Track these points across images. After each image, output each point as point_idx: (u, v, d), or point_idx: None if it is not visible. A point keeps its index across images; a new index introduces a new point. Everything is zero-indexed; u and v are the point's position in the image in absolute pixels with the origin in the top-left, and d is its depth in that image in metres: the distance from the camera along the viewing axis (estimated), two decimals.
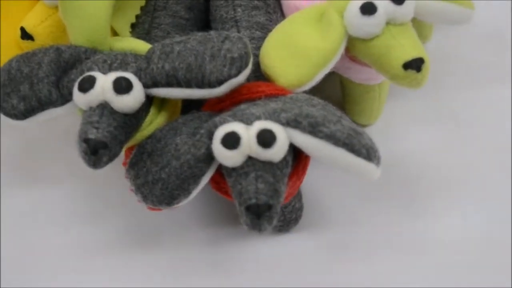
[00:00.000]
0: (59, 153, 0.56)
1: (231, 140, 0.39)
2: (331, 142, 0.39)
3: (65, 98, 0.43)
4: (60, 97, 0.43)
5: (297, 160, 0.43)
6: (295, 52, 0.45)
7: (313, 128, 0.39)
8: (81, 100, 0.42)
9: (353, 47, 0.46)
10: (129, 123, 0.42)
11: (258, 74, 0.46)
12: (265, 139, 0.39)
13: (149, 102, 0.44)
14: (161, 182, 0.41)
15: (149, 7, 0.51)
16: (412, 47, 0.43)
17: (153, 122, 0.44)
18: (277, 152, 0.39)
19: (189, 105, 0.47)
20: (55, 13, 0.49)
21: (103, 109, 0.41)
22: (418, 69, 0.43)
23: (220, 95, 0.42)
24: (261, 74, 0.46)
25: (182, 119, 0.43)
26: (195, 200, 0.44)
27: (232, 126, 0.40)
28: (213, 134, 0.40)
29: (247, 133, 0.39)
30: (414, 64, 0.43)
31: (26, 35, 0.50)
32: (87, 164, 0.40)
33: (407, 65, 0.43)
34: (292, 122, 0.40)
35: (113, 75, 0.42)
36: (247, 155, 0.39)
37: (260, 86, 0.44)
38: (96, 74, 0.42)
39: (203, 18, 0.54)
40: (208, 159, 0.41)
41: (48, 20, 0.50)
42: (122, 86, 0.41)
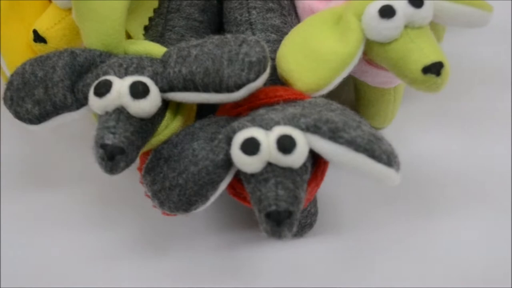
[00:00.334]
0: (71, 156, 0.56)
1: (251, 146, 0.38)
2: (352, 148, 0.39)
3: (80, 103, 0.43)
4: (75, 102, 0.43)
5: (316, 166, 0.42)
6: (313, 56, 0.44)
7: (333, 134, 0.39)
8: (97, 105, 0.41)
9: (371, 51, 0.45)
10: (146, 128, 0.41)
11: (274, 78, 0.46)
12: (285, 145, 0.38)
13: (165, 107, 0.43)
14: (179, 188, 0.40)
15: (162, 9, 0.51)
16: (432, 51, 0.43)
17: (169, 127, 0.44)
18: (297, 158, 0.39)
19: (202, 110, 0.46)
20: (68, 16, 0.49)
21: (120, 114, 0.40)
22: (438, 73, 0.42)
23: (238, 100, 0.42)
24: (277, 78, 0.46)
25: (199, 124, 0.43)
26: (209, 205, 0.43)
27: (251, 132, 0.39)
28: (232, 140, 0.40)
29: (267, 139, 0.39)
30: (434, 68, 0.42)
31: (39, 38, 0.49)
32: (104, 170, 0.39)
33: (427, 69, 0.42)
34: (312, 128, 0.39)
35: (130, 79, 0.41)
36: (267, 161, 0.39)
37: (278, 91, 0.43)
38: (112, 78, 0.41)
39: (217, 21, 0.53)
40: (227, 165, 0.40)
41: (61, 23, 0.49)
42: (139, 91, 0.41)
